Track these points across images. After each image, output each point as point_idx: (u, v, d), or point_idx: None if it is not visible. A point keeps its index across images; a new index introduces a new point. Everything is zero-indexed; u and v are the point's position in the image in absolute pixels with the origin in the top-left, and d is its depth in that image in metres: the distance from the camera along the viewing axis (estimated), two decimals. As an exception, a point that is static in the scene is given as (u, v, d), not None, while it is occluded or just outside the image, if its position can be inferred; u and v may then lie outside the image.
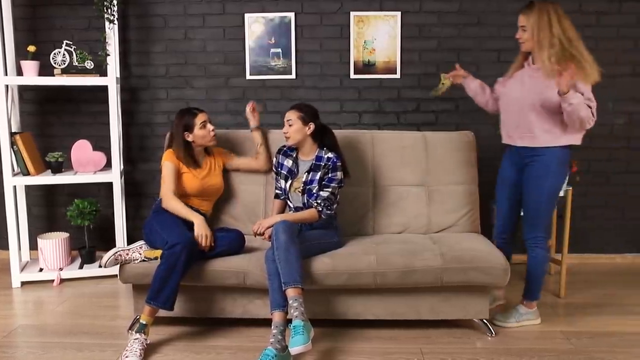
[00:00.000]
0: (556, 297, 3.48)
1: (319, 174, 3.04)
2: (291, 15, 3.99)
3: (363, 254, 2.92)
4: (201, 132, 3.12)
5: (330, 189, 3.02)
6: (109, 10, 3.63)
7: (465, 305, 2.94)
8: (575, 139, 2.89)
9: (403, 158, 3.48)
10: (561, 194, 3.44)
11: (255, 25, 4.00)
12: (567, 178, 2.99)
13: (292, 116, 3.06)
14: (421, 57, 4.02)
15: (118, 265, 2.90)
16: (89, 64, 3.72)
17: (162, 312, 2.95)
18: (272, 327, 2.61)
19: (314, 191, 3.03)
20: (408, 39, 4.00)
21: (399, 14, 3.97)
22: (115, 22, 3.70)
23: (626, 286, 3.68)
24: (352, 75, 4.04)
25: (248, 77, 4.06)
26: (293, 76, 4.05)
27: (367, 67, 4.03)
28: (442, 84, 3.24)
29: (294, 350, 2.47)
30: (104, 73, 3.76)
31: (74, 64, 3.71)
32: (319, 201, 3.00)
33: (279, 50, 4.03)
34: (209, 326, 3.03)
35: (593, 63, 2.80)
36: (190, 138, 3.12)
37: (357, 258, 2.88)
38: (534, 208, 2.96)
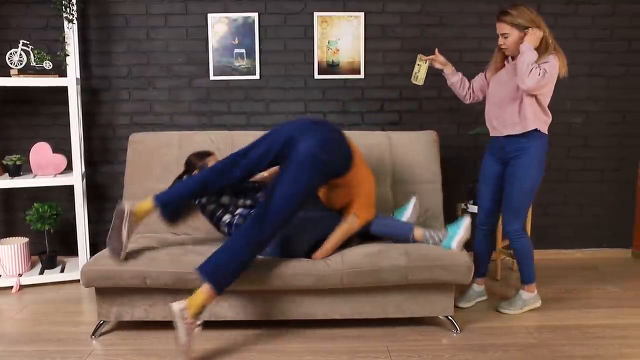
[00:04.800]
0: (519, 293, 3.56)
1: None
2: (255, 15, 3.97)
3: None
4: None
5: None
6: (68, 9, 3.55)
7: (430, 302, 2.97)
8: (544, 125, 3.04)
9: (368, 158, 3.50)
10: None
11: (219, 25, 3.97)
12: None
13: None
14: (385, 57, 4.06)
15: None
16: (48, 65, 3.64)
17: (126, 317, 2.92)
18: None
19: None
20: (372, 40, 4.03)
21: (362, 14, 3.99)
22: (75, 21, 3.62)
23: (585, 281, 3.78)
24: (317, 76, 4.05)
25: (212, 77, 4.03)
26: (257, 77, 4.04)
27: (331, 67, 4.04)
28: (418, 65, 3.28)
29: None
30: (63, 74, 3.68)
31: (31, 64, 3.61)
32: None
33: (243, 50, 4.00)
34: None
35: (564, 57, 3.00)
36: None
37: (323, 260, 2.88)
38: (517, 200, 3.06)
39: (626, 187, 4.28)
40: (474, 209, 3.71)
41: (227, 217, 3.09)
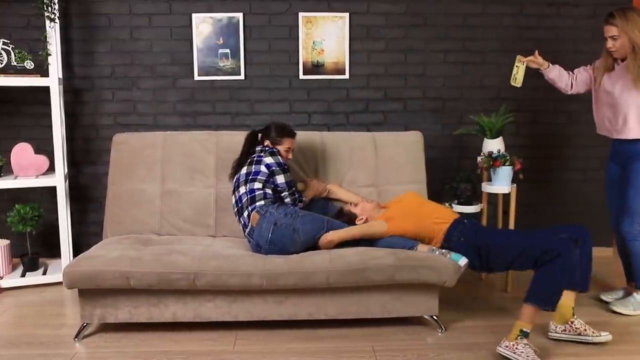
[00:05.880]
0: (503, 292, 3.57)
1: None
2: (239, 15, 3.96)
3: (316, 254, 2.92)
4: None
5: None
6: (49, 8, 3.51)
7: (416, 302, 2.98)
8: None
9: (353, 159, 3.51)
10: (506, 191, 3.53)
11: (203, 25, 3.96)
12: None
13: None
14: (369, 57, 4.07)
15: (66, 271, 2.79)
16: (29, 64, 3.59)
17: (110, 319, 2.89)
18: None
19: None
20: (356, 40, 4.04)
21: (347, 15, 4.00)
22: (57, 20, 3.58)
23: (568, 279, 3.81)
24: (301, 76, 4.05)
25: (196, 77, 4.01)
26: (242, 77, 4.02)
27: (316, 67, 4.04)
28: (516, 66, 3.30)
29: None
30: (45, 73, 3.63)
31: (12, 63, 3.57)
32: None
33: (228, 50, 3.99)
34: (160, 331, 2.97)
35: None
36: None
37: (309, 258, 2.88)
38: (631, 203, 3.08)
39: (608, 186, 4.32)
40: (458, 209, 3.73)
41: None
